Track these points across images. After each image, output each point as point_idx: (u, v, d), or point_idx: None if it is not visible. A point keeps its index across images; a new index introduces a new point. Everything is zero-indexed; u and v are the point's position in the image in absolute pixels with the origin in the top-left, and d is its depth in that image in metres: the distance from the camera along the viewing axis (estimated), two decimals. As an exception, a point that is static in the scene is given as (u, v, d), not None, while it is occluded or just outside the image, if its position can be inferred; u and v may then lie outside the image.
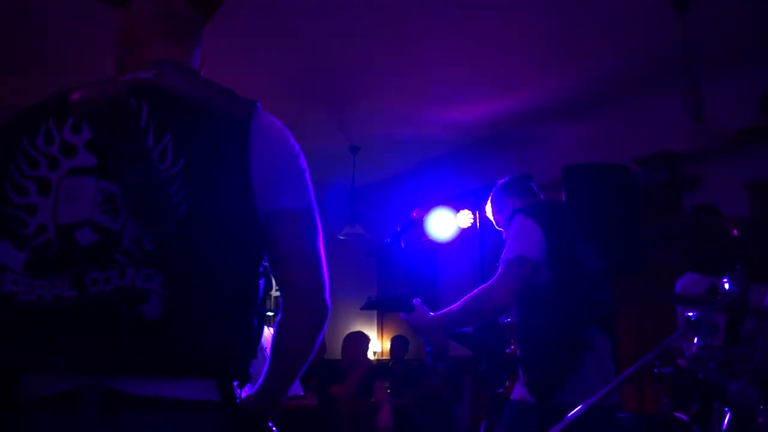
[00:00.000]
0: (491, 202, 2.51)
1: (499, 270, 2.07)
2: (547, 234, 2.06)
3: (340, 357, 4.58)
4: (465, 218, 4.84)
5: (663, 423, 1.99)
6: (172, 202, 0.97)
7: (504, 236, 2.31)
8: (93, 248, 0.95)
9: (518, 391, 2.06)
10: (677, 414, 1.19)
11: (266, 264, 1.07)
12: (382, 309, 2.26)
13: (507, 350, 2.50)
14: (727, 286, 1.20)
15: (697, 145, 3.44)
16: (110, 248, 0.95)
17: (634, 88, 4.61)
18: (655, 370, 1.05)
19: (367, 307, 2.25)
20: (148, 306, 0.93)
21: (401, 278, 6.69)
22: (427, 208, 4.74)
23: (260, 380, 1.07)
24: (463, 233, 5.00)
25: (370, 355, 7.26)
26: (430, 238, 5.02)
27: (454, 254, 6.21)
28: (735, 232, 1.20)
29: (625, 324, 3.88)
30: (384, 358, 6.98)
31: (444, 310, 2.12)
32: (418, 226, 2.87)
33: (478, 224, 4.91)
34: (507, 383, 2.41)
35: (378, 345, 7.37)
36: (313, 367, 3.99)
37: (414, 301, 2.14)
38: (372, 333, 7.32)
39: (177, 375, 0.94)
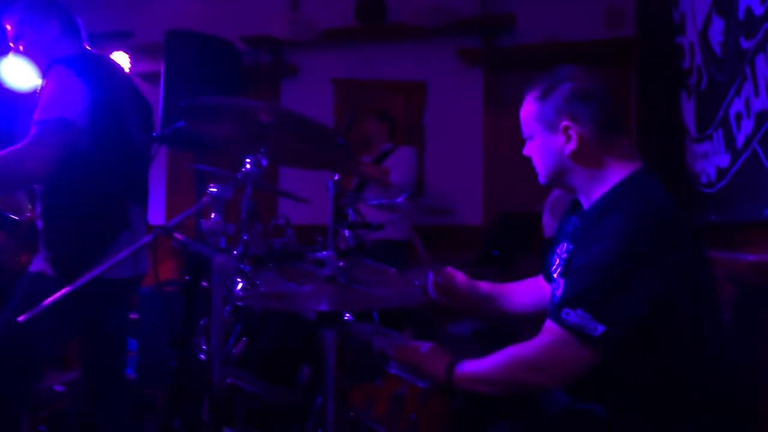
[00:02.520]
0: (27, 16, 2.04)
1: (35, 133, 1.78)
2: (95, 96, 1.83)
3: None
4: (120, 61, 4.21)
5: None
6: None
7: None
8: None
9: (38, 264, 1.90)
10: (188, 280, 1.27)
11: None
12: None
13: (20, 218, 2.27)
14: (248, 166, 1.29)
15: (292, 33, 3.61)
16: None
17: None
18: (173, 243, 1.07)
19: None
20: None
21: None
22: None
23: None
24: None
25: None
26: (5, 84, 4.22)
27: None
28: (264, 117, 1.26)
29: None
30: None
31: None
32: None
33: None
34: (19, 255, 2.22)
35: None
36: None
37: None
38: None
39: None
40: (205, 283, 1.16)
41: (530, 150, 1.56)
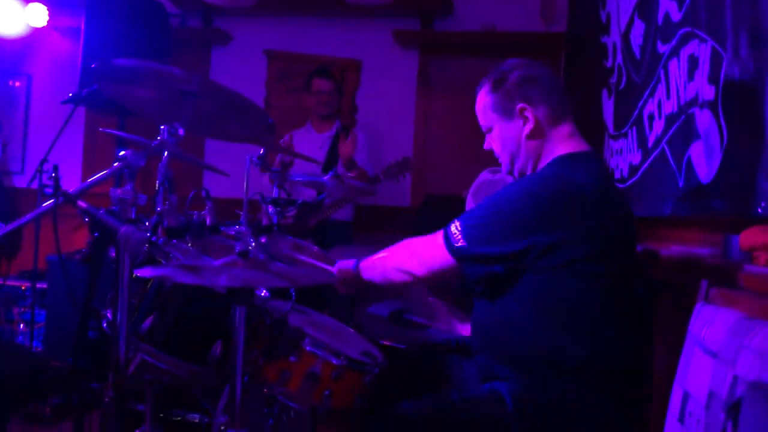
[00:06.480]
0: None
1: None
2: None
3: None
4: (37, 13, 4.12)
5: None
6: None
7: None
8: None
9: None
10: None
11: None
12: None
13: None
14: (164, 134, 1.24)
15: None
16: None
17: None
18: (78, 211, 1.03)
19: None
20: None
21: None
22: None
23: None
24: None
25: None
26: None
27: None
28: (183, 85, 1.22)
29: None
30: None
31: None
32: None
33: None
34: None
35: None
36: None
37: None
38: None
39: None
40: (113, 253, 1.12)
41: (490, 142, 1.62)
